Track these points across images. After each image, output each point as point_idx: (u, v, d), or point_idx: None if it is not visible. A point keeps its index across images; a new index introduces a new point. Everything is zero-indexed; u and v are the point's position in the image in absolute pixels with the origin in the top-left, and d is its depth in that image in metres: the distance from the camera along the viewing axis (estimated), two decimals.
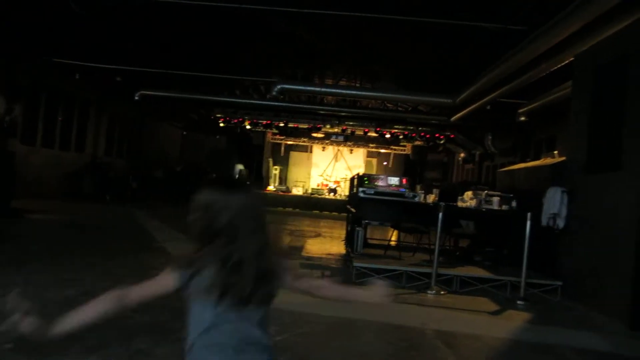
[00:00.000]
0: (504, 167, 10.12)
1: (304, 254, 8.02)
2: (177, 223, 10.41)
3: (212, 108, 17.31)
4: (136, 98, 13.96)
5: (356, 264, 5.99)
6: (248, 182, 19.20)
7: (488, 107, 11.26)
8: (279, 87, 12.20)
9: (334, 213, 17.12)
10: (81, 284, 4.63)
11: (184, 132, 22.51)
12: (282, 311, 3.98)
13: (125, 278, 4.95)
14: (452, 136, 16.77)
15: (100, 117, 16.50)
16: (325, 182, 21.51)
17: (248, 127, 18.18)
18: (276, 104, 14.63)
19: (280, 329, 3.74)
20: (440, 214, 5.70)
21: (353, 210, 7.58)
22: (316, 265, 7.01)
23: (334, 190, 20.49)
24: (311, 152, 22.68)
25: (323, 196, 19.90)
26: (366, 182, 7.20)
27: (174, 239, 8.05)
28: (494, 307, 5.37)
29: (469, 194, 6.86)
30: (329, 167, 22.29)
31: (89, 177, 15.01)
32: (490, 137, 14.63)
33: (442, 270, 5.89)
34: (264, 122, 17.58)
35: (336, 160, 22.43)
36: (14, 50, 10.93)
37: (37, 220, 9.15)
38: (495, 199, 6.45)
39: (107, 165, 16.02)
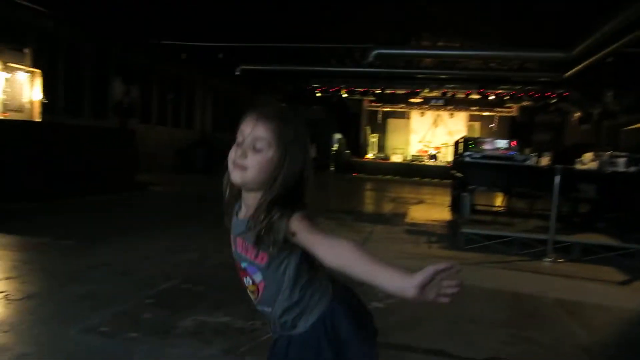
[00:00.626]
0: (629, 126, 9.11)
1: (407, 220, 7.93)
2: None
3: (308, 79, 17.49)
4: (237, 73, 14.48)
5: (464, 230, 5.79)
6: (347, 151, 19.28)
7: (609, 60, 10.14)
8: (375, 52, 11.97)
9: (435, 180, 16.70)
10: (201, 248, 4.96)
11: (282, 104, 23.06)
12: None
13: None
14: (565, 94, 15.42)
15: (206, 94, 17.41)
16: (424, 149, 20.99)
17: (344, 95, 18.16)
18: (372, 70, 14.39)
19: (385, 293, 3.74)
20: (557, 178, 5.29)
21: (458, 175, 7.31)
22: (421, 231, 6.90)
23: (434, 157, 19.95)
24: (409, 118, 22.17)
25: (423, 163, 19.47)
26: (472, 145, 6.89)
27: None
28: (621, 277, 4.92)
29: (588, 155, 6.28)
30: (428, 133, 21.68)
31: (199, 152, 15.99)
32: (611, 93, 13.23)
33: (561, 237, 5.50)
34: (360, 89, 17.44)
35: (436, 126, 21.74)
36: (128, 36, 11.80)
37: (157, 192, 9.97)
38: (622, 160, 5.84)
39: (214, 140, 16.95)
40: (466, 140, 7.18)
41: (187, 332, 2.85)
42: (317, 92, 17.89)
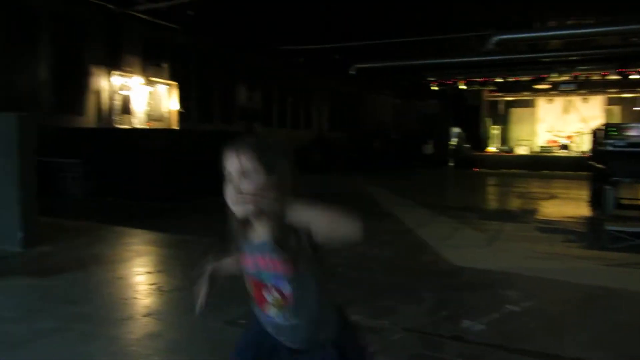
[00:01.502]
0: None
1: (539, 217, 7.38)
2: (399, 189, 10.69)
3: (423, 73, 17.09)
4: (352, 72, 14.63)
5: (609, 227, 5.23)
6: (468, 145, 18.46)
7: None
8: (495, 39, 11.32)
9: (567, 172, 15.33)
10: None
11: (397, 101, 22.82)
12: (526, 277, 3.73)
13: (364, 242, 5.28)
14: None
15: (323, 95, 17.84)
16: (554, 138, 19.34)
17: (463, 87, 17.44)
18: (492, 58, 13.63)
19: (526, 295, 3.51)
20: None
21: (599, 166, 6.62)
22: (556, 229, 6.37)
23: (565, 147, 18.31)
24: (535, 106, 20.59)
25: (553, 154, 17.98)
26: (613, 132, 6.19)
27: (398, 205, 8.26)
28: None
29: None
30: (558, 121, 19.97)
31: (317, 152, 16.43)
32: None
33: None
34: (480, 79, 16.62)
35: (566, 113, 19.93)
36: (250, 45, 12.51)
37: None
38: None
39: (330, 139, 17.31)
40: (607, 127, 6.47)
41: None
42: (433, 86, 17.40)
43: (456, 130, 19.38)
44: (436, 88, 17.55)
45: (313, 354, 1.36)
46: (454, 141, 18.89)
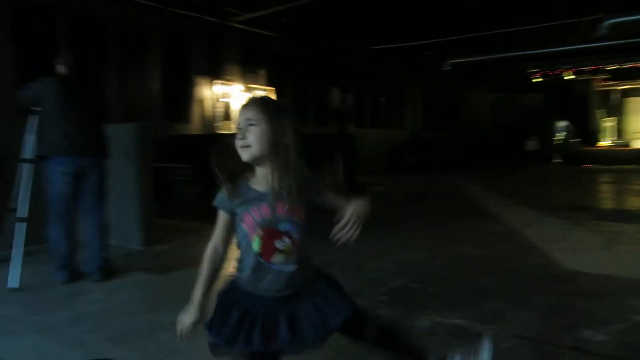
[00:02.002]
0: None
1: None
2: (500, 188, 10.18)
3: (524, 64, 16.13)
4: (446, 68, 14.21)
5: None
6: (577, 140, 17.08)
7: None
8: (607, 23, 10.38)
9: None
10: (426, 248, 4.98)
11: (496, 95, 21.77)
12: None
13: (464, 243, 5.12)
14: None
15: (415, 93, 17.52)
16: None
17: (570, 77, 16.20)
18: (604, 44, 12.52)
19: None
20: None
21: None
22: None
23: None
24: None
25: None
26: None
27: (502, 205, 7.86)
28: None
29: None
30: None
31: (411, 151, 16.17)
32: None
33: None
34: (589, 68, 15.34)
35: None
36: (343, 46, 12.62)
37: (376, 192, 10.40)
38: None
39: (425, 138, 16.93)
40: None
41: (423, 331, 2.87)
42: (535, 78, 16.36)
43: (563, 124, 18.07)
44: (539, 80, 16.48)
45: (303, 294, 1.52)
46: (560, 136, 17.63)
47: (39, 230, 4.13)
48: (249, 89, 11.01)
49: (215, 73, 10.42)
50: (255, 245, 1.48)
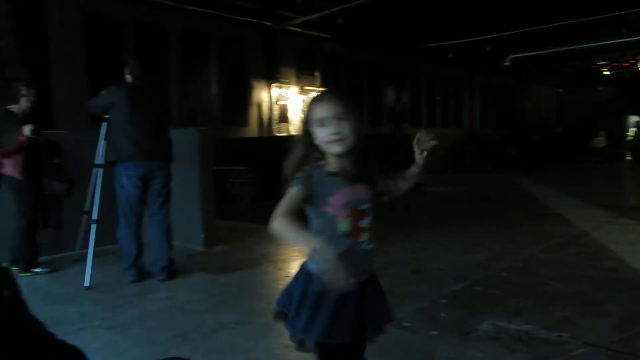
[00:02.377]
0: None
1: None
2: (565, 188, 9.70)
3: (592, 56, 15.29)
4: (506, 64, 13.72)
5: None
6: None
7: None
8: None
9: None
10: (487, 250, 4.82)
11: (560, 90, 20.79)
12: None
13: (530, 245, 4.92)
14: None
15: (473, 90, 17.05)
16: None
17: None
18: None
19: None
20: None
21: None
22: None
23: None
24: None
25: None
26: None
27: (568, 206, 7.49)
28: None
29: None
30: None
31: (469, 150, 15.75)
32: None
33: None
34: None
35: None
36: (396, 44, 12.48)
37: (432, 192, 10.19)
38: None
39: (484, 136, 16.43)
40: None
41: (486, 336, 2.78)
42: (605, 70, 15.46)
43: (635, 119, 16.98)
44: (608, 73, 15.57)
45: (370, 281, 1.57)
46: (631, 132, 16.58)
47: (110, 231, 4.36)
48: (304, 91, 11.11)
49: (272, 76, 10.60)
50: (345, 226, 1.51)
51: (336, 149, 1.49)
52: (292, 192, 1.46)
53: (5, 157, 3.98)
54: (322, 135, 1.48)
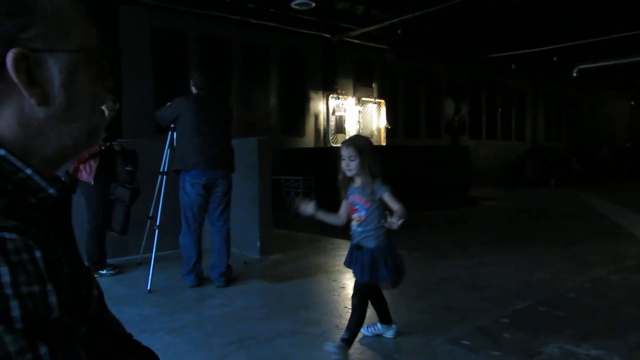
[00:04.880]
0: None
1: None
2: (636, 206, 9.11)
3: None
4: (574, 74, 13.11)
5: None
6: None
7: None
8: None
9: None
10: (551, 268, 4.59)
11: (632, 102, 19.63)
12: None
13: (599, 265, 4.63)
14: None
15: (536, 102, 16.42)
16: None
17: None
18: None
19: None
20: None
21: None
22: None
23: None
24: None
25: None
26: None
27: None
28: None
29: None
30: None
31: (531, 164, 15.14)
32: None
33: None
34: None
35: None
36: (456, 55, 12.24)
37: (491, 206, 9.87)
38: None
39: (548, 150, 15.76)
40: None
41: (552, 359, 2.64)
42: None
43: None
44: None
45: (364, 248, 2.68)
46: None
47: (171, 237, 4.50)
48: (360, 102, 11.11)
49: (329, 87, 10.68)
50: (348, 216, 2.75)
51: (348, 173, 2.68)
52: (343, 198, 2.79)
53: (80, 163, 4.22)
54: (343, 165, 2.67)
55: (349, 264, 2.79)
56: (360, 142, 2.70)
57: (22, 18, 0.55)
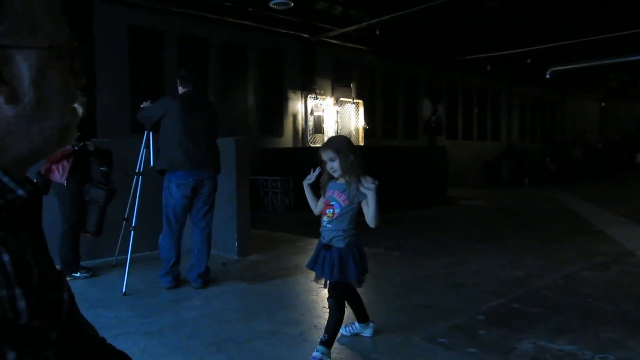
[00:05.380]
0: None
1: None
2: (608, 204, 9.35)
3: (638, 70, 14.75)
4: (547, 77, 13.38)
5: None
6: None
7: None
8: None
9: None
10: (526, 266, 4.68)
11: (602, 104, 20.15)
12: None
13: (571, 263, 4.74)
14: None
15: (511, 103, 16.72)
16: None
17: None
18: None
19: None
20: None
21: None
22: None
23: None
24: None
25: None
26: None
27: (612, 223, 7.21)
28: None
29: None
30: None
31: (506, 164, 15.39)
32: None
33: None
34: None
35: None
36: (435, 56, 12.38)
37: (468, 206, 10.01)
38: None
39: (522, 150, 16.05)
40: None
41: (526, 355, 2.69)
42: None
43: None
44: None
45: (333, 248, 2.65)
46: None
47: (147, 238, 4.43)
48: (338, 102, 11.14)
49: (308, 87, 10.67)
50: (321, 206, 2.79)
51: (335, 176, 2.69)
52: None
53: (53, 164, 4.13)
54: (328, 169, 2.67)
55: (312, 265, 2.72)
56: (336, 142, 2.71)
57: None
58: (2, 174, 0.55)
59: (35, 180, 0.63)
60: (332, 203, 2.65)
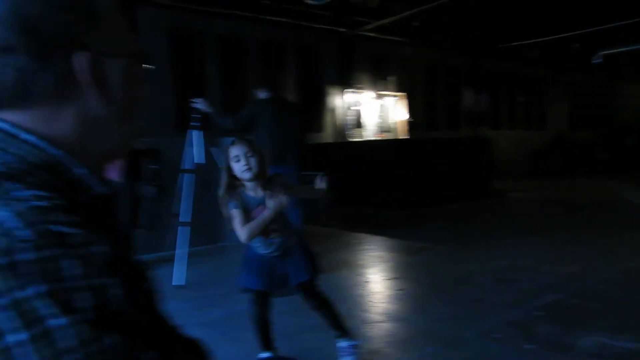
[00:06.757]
0: None
1: None
2: None
3: None
4: (597, 61, 12.82)
5: None
6: None
7: None
8: None
9: None
10: (581, 260, 4.51)
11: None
12: None
13: (631, 257, 4.53)
14: None
15: (558, 91, 16.12)
16: None
17: None
18: None
19: None
20: None
21: None
22: None
23: None
24: None
25: None
26: None
27: None
28: None
29: None
30: None
31: (554, 154, 14.85)
32: None
33: None
34: None
35: None
36: (475, 45, 12.07)
37: (516, 198, 9.72)
38: None
39: (571, 139, 15.45)
40: None
41: (587, 352, 2.59)
42: None
43: None
44: None
45: (287, 255, 2.40)
46: None
47: (199, 234, 4.53)
48: (379, 96, 11.04)
49: (346, 82, 10.62)
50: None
51: (246, 176, 2.25)
52: (236, 213, 2.26)
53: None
54: (240, 166, 2.24)
55: (263, 283, 2.44)
56: (249, 139, 2.35)
57: (88, 22, 0.58)
58: (89, 173, 0.59)
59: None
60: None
